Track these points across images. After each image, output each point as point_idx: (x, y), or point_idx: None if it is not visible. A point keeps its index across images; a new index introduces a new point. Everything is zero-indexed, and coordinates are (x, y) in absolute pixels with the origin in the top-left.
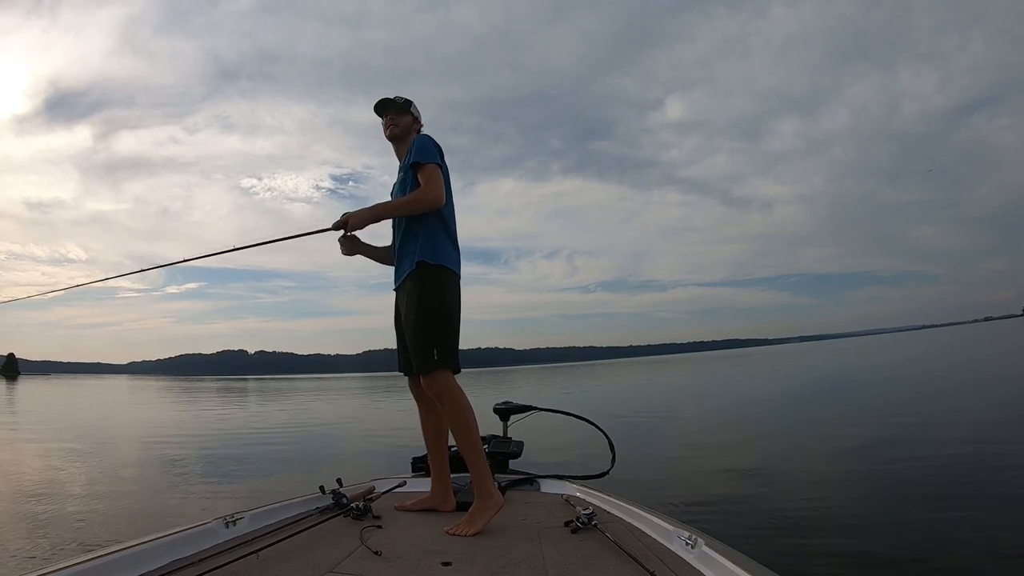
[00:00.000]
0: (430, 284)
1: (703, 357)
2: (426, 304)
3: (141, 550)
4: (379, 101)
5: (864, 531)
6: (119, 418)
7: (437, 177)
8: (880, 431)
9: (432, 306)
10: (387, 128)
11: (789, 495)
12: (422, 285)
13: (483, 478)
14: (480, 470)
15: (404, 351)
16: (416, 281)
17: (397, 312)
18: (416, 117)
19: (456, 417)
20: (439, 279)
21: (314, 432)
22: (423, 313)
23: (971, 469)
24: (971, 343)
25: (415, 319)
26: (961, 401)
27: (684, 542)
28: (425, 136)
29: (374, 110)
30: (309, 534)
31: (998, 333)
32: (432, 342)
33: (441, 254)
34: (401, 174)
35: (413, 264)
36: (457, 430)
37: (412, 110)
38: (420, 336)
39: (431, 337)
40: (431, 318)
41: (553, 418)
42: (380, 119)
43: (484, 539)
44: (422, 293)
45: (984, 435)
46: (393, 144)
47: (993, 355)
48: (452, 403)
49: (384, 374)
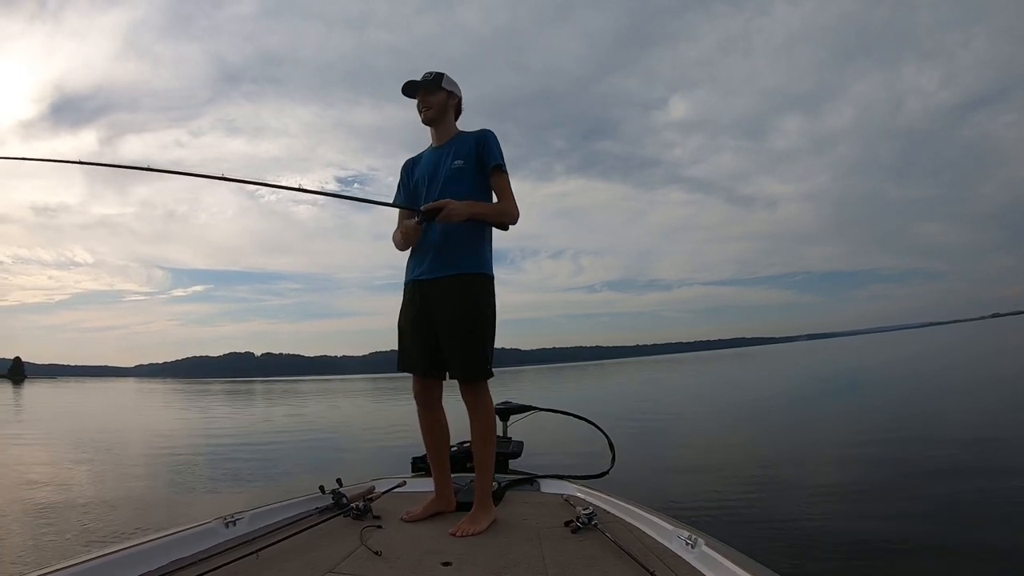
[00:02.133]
0: (491, 294)
1: (709, 356)
2: (490, 314)
3: (141, 550)
4: (405, 84)
5: (865, 532)
6: (121, 420)
7: (511, 193)
8: (883, 431)
9: (492, 316)
10: (421, 111)
11: (790, 495)
12: (486, 294)
13: (489, 492)
14: (489, 483)
15: (418, 349)
16: (479, 288)
17: (415, 305)
18: (451, 91)
19: (488, 427)
20: (493, 290)
21: (315, 433)
22: (485, 322)
23: (976, 470)
24: (978, 340)
25: (474, 326)
26: (966, 400)
27: (684, 542)
28: (494, 135)
29: (403, 94)
30: (309, 534)
31: (1006, 330)
32: (489, 351)
33: (490, 263)
34: (459, 161)
35: (470, 269)
36: (486, 439)
37: (444, 84)
38: (478, 343)
39: (488, 346)
40: (491, 328)
41: (553, 418)
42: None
43: (484, 539)
44: (489, 302)
45: (990, 435)
46: (430, 127)
47: (999, 352)
48: (487, 413)
49: (391, 376)
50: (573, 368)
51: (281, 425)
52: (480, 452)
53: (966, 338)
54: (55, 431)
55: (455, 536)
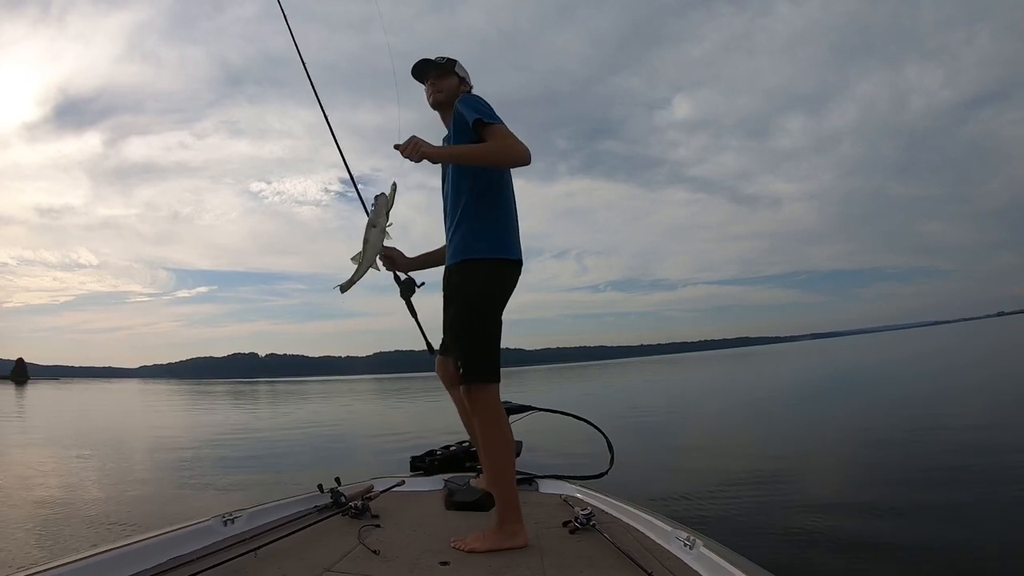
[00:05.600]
0: (490, 283)
1: (713, 356)
2: (485, 310)
3: (140, 547)
4: (417, 64)
5: (866, 532)
6: (123, 420)
7: (512, 136)
8: (885, 432)
9: (490, 311)
10: (430, 95)
11: (789, 496)
12: (484, 283)
13: (506, 508)
14: (503, 497)
15: (444, 327)
16: (475, 276)
17: (445, 291)
18: (463, 78)
19: (485, 436)
20: (498, 275)
21: (315, 432)
22: (481, 320)
23: (982, 470)
24: (982, 339)
25: (465, 324)
26: (971, 401)
27: (682, 543)
28: (474, 96)
29: (412, 75)
30: (307, 533)
31: (1011, 328)
32: (481, 352)
33: (498, 243)
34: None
35: (470, 255)
36: (486, 450)
37: (457, 70)
38: (470, 343)
39: (480, 347)
40: (487, 325)
41: (552, 418)
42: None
43: None
44: (485, 293)
45: (996, 437)
46: (439, 112)
47: (1004, 352)
48: (484, 423)
49: (395, 376)
50: (576, 368)
51: (281, 424)
52: (483, 462)
53: (970, 337)
54: (56, 431)
55: (455, 548)
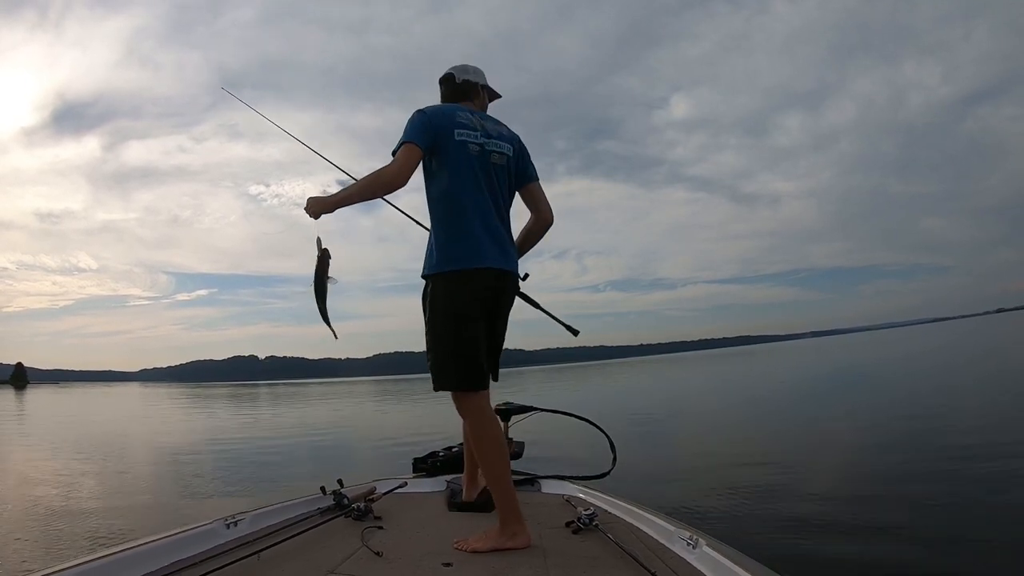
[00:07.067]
0: (437, 297)
1: (714, 355)
2: (435, 322)
3: (143, 551)
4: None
5: (868, 533)
6: (124, 424)
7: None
8: (887, 431)
9: (439, 323)
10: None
11: (792, 495)
12: (432, 298)
13: (506, 509)
14: (501, 497)
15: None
16: (429, 295)
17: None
18: (445, 82)
19: (476, 437)
20: (442, 290)
21: (316, 434)
22: (432, 332)
23: (984, 469)
24: (982, 336)
25: (427, 337)
26: (973, 398)
27: (685, 543)
28: (415, 112)
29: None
30: (310, 535)
31: (1011, 325)
32: (436, 363)
33: (440, 259)
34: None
35: (427, 272)
36: (478, 449)
37: (441, 81)
38: (431, 355)
39: (436, 358)
40: (436, 336)
41: (554, 418)
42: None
43: None
44: (435, 307)
45: (995, 434)
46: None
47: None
48: (471, 425)
49: (395, 377)
50: (577, 368)
51: (283, 426)
52: (480, 463)
53: (970, 334)
54: (56, 436)
55: (457, 549)
